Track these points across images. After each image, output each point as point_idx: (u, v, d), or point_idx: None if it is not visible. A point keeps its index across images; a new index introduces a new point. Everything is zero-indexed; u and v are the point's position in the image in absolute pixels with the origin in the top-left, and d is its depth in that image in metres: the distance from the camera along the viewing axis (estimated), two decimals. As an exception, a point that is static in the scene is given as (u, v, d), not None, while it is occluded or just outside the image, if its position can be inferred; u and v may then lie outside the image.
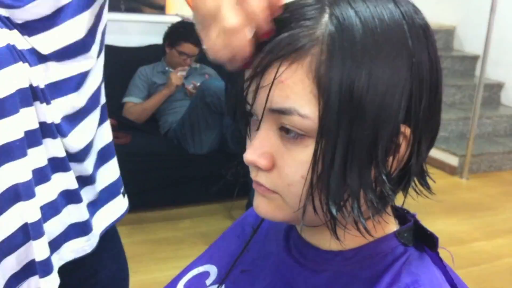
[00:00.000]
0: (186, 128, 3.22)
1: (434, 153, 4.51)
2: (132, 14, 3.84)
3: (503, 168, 4.57)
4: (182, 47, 3.48)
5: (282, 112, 0.56)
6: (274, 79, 0.55)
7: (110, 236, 1.10)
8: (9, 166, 0.81)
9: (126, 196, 1.12)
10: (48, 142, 0.87)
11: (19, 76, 0.81)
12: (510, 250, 3.20)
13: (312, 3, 0.56)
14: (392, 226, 0.66)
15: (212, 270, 0.80)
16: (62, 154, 0.90)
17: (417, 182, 0.64)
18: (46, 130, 0.86)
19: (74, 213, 0.96)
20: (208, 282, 0.78)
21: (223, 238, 0.84)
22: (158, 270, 2.67)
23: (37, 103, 0.84)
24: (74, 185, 0.94)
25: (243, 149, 0.62)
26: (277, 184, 0.60)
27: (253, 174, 0.62)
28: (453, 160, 4.39)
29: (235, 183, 0.67)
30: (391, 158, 0.58)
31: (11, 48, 0.80)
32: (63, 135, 0.89)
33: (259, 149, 0.59)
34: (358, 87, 0.53)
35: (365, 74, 0.53)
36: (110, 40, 3.69)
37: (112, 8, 3.75)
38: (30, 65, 0.82)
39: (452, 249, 2.81)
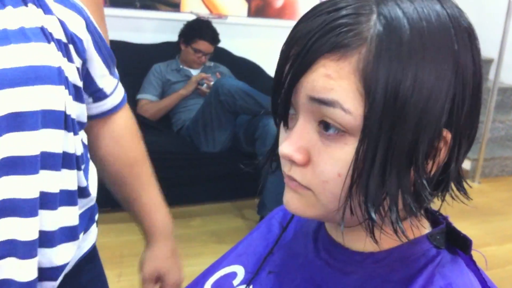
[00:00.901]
0: (199, 126, 3.22)
1: (446, 156, 4.48)
2: (147, 11, 3.84)
3: (515, 172, 4.54)
4: (197, 44, 3.48)
5: (324, 102, 0.55)
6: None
7: (90, 257, 1.08)
8: (13, 179, 0.79)
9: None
10: (64, 172, 0.86)
11: (57, 97, 0.81)
12: (522, 255, 3.19)
13: (360, 1, 0.56)
14: (424, 228, 0.65)
15: (239, 270, 0.79)
16: (74, 187, 0.89)
17: (453, 187, 0.63)
18: (67, 159, 0.86)
19: (70, 250, 0.93)
20: (235, 282, 0.78)
21: (250, 237, 0.84)
22: (169, 267, 2.67)
23: (65, 130, 0.84)
24: (75, 221, 0.92)
25: (255, 148, 0.62)
26: (311, 181, 0.59)
27: (287, 169, 0.61)
28: (465, 164, 4.37)
29: (246, 183, 0.67)
30: (430, 162, 0.57)
31: (60, 70, 0.81)
32: (79, 168, 0.89)
33: (296, 143, 0.58)
34: (403, 89, 0.52)
35: (411, 77, 0.53)
36: (125, 36, 3.71)
37: (127, 5, 3.76)
38: (69, 94, 0.84)
39: (465, 254, 2.70)
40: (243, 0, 4.08)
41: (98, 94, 0.98)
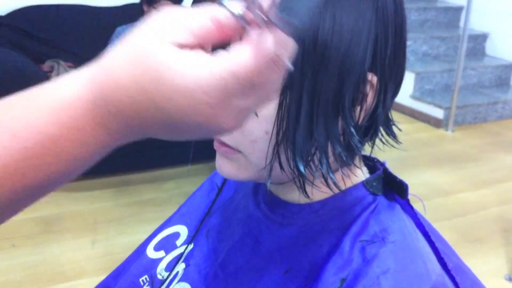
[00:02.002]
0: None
1: (419, 106, 4.49)
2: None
3: (488, 119, 4.57)
4: (160, 4, 3.40)
5: None
6: None
7: None
8: None
9: None
10: None
11: None
12: (495, 199, 3.22)
13: None
14: (361, 176, 0.64)
15: (183, 230, 0.78)
16: None
17: (383, 132, 0.62)
18: None
19: None
20: (178, 242, 0.77)
21: (193, 197, 0.82)
22: (144, 231, 2.64)
23: None
24: None
25: None
26: (240, 142, 0.57)
27: None
28: (438, 113, 4.38)
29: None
30: (358, 109, 0.56)
31: None
32: None
33: None
34: (322, 34, 0.51)
35: (329, 20, 0.51)
36: (85, 0, 3.62)
37: (87, -33, 3.65)
38: None
39: (438, 201, 2.85)
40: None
41: None
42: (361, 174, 0.64)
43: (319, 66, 0.51)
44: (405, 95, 4.58)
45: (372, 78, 0.55)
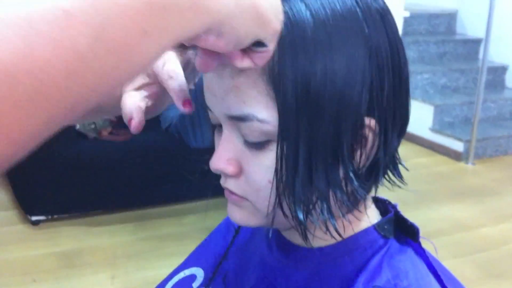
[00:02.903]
0: (186, 122, 3.21)
1: (439, 139, 4.48)
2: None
3: (509, 152, 4.53)
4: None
5: (240, 119, 0.54)
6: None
7: None
8: None
9: None
10: None
11: None
12: (517, 234, 3.18)
13: None
14: (372, 218, 0.64)
15: (199, 273, 0.78)
16: None
17: (390, 173, 0.63)
18: None
19: None
20: (194, 285, 0.77)
21: (210, 238, 0.83)
22: (163, 266, 2.65)
23: None
24: None
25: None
26: (246, 190, 0.58)
27: (222, 181, 0.60)
28: (458, 146, 4.36)
29: None
30: (359, 153, 0.56)
31: None
32: None
33: (224, 155, 0.58)
34: (314, 83, 0.51)
35: (320, 69, 0.51)
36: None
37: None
38: None
39: (459, 236, 2.81)
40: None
41: None
42: (372, 216, 0.65)
43: (314, 115, 0.52)
44: (424, 128, 4.58)
45: (370, 122, 0.55)
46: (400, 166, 0.64)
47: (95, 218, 3.08)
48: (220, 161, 0.58)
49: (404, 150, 4.55)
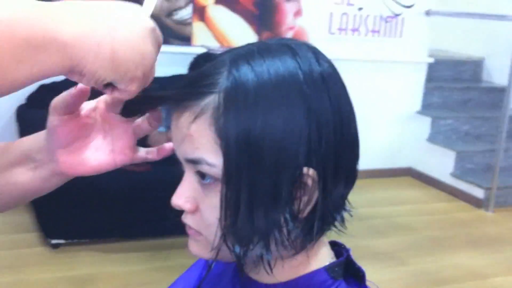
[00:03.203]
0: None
1: (460, 184, 4.47)
2: (159, 45, 3.94)
3: (530, 201, 4.49)
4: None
5: (193, 162, 0.62)
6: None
7: None
8: None
9: None
10: None
11: None
12: (531, 286, 3.15)
13: (217, 65, 0.62)
14: (324, 261, 0.70)
15: None
16: None
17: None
18: None
19: None
20: None
21: (189, 270, 0.88)
22: (174, 296, 2.71)
23: None
24: None
25: None
26: (200, 226, 0.65)
27: (183, 216, 0.67)
28: (478, 193, 4.34)
29: None
30: (299, 198, 0.62)
31: None
32: None
33: (183, 193, 0.65)
34: (254, 135, 0.58)
35: (260, 123, 0.58)
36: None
37: (140, 40, 3.86)
38: None
39: (472, 284, 2.82)
40: (253, 33, 4.17)
41: None
42: (324, 259, 0.70)
43: (254, 163, 0.59)
44: (445, 173, 4.58)
45: (309, 171, 0.61)
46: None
47: (112, 245, 3.15)
48: (179, 199, 0.65)
49: (424, 194, 4.56)
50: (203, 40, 4.04)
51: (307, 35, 4.28)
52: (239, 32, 4.13)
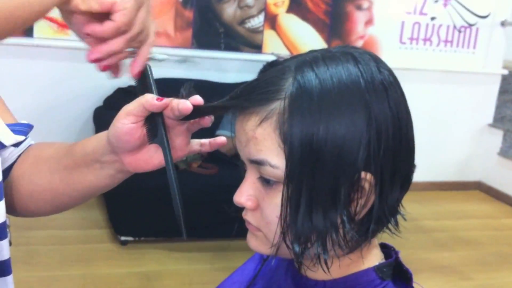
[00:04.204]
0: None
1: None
2: (231, 52, 4.04)
3: None
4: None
5: (257, 162, 0.66)
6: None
7: None
8: None
9: None
10: None
11: None
12: None
13: (282, 69, 0.66)
14: (374, 261, 0.73)
15: None
16: None
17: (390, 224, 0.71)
18: None
19: None
20: None
21: (244, 266, 0.94)
22: (235, 297, 2.77)
23: None
24: None
25: None
26: (260, 223, 0.70)
27: (243, 213, 0.72)
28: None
29: None
30: (356, 201, 0.65)
31: None
32: None
33: (245, 192, 0.69)
34: (316, 140, 0.61)
35: (323, 129, 0.61)
36: (209, 76, 3.92)
37: (212, 46, 3.98)
38: None
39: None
40: (323, 41, 4.20)
41: None
42: (374, 259, 0.73)
43: (315, 166, 0.62)
44: (515, 188, 4.47)
45: (366, 176, 0.64)
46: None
47: (177, 244, 3.25)
48: (242, 197, 0.70)
49: (493, 209, 4.45)
50: (273, 48, 4.10)
51: (378, 44, 4.27)
52: (309, 40, 4.17)
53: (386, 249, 0.77)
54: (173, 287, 2.85)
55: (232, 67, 4.09)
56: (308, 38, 4.18)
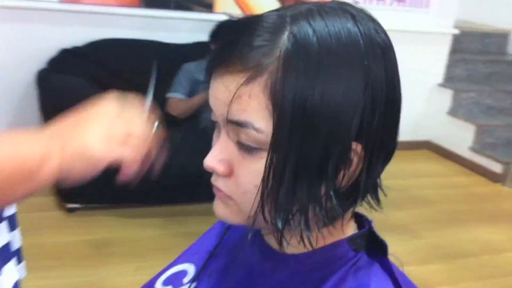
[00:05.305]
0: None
1: (478, 159, 4.43)
2: (181, 11, 3.92)
3: (550, 177, 4.43)
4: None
5: (238, 124, 0.59)
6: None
7: None
8: None
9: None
10: None
11: None
12: (546, 262, 3.13)
13: (274, 19, 0.59)
14: (348, 232, 0.69)
15: (190, 269, 0.84)
16: None
17: (369, 197, 0.66)
18: None
19: None
20: (185, 280, 0.82)
21: (204, 236, 0.89)
22: (188, 262, 2.74)
23: None
24: None
25: None
26: (233, 191, 0.63)
27: (213, 179, 0.66)
28: (496, 167, 4.30)
29: None
30: (342, 173, 0.60)
31: None
32: None
33: (218, 155, 0.63)
34: (311, 104, 0.55)
35: (318, 92, 0.55)
36: (159, 36, 3.80)
37: (161, 5, 3.85)
38: None
39: (487, 258, 2.83)
40: (275, 0, 4.12)
41: None
42: (348, 231, 0.69)
43: (306, 133, 0.56)
44: (464, 147, 4.54)
45: (357, 147, 0.59)
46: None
47: (127, 210, 3.18)
48: (213, 160, 0.63)
49: (442, 168, 4.53)
50: (225, 7, 4.00)
51: (330, 3, 4.21)
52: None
53: (358, 217, 0.72)
54: (124, 254, 2.79)
55: (183, 27, 3.97)
56: (260, -3, 4.08)
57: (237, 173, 0.62)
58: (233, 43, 0.59)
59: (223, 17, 3.83)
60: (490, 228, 3.52)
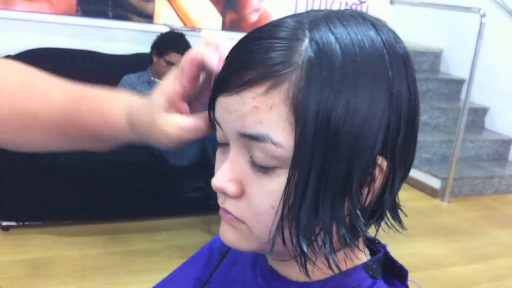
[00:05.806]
0: (168, 139, 3.18)
1: (417, 174, 4.51)
2: (120, 21, 3.80)
3: (484, 192, 4.58)
4: (170, 57, 3.45)
5: (254, 138, 0.53)
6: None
7: None
8: None
9: None
10: None
11: None
12: (487, 275, 3.20)
13: (291, 25, 0.54)
14: (362, 257, 0.63)
15: None
16: None
17: (389, 216, 0.61)
18: None
19: None
20: None
21: (191, 261, 0.81)
22: (132, 282, 2.62)
23: None
24: None
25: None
26: (245, 213, 0.56)
27: (221, 201, 0.58)
28: (435, 183, 4.39)
29: (214, 197, 0.63)
30: (365, 191, 0.55)
31: None
32: None
33: (227, 174, 0.56)
34: (335, 116, 0.50)
35: (343, 104, 0.50)
36: (96, 46, 3.67)
37: (99, 15, 3.72)
38: None
39: (429, 273, 2.82)
40: (217, 13, 4.07)
41: None
42: (362, 256, 0.63)
43: (330, 148, 0.51)
44: (403, 163, 4.61)
45: (382, 162, 0.55)
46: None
47: (66, 228, 3.03)
48: (222, 180, 0.56)
49: (381, 183, 4.59)
50: (166, 18, 3.91)
51: (273, 18, 4.21)
52: (203, 12, 4.03)
53: (369, 242, 0.66)
54: (64, 274, 2.63)
55: (122, 38, 3.85)
56: (202, 10, 4.03)
57: (250, 193, 0.56)
58: (251, 51, 0.54)
59: (164, 28, 3.75)
60: (431, 242, 3.57)
